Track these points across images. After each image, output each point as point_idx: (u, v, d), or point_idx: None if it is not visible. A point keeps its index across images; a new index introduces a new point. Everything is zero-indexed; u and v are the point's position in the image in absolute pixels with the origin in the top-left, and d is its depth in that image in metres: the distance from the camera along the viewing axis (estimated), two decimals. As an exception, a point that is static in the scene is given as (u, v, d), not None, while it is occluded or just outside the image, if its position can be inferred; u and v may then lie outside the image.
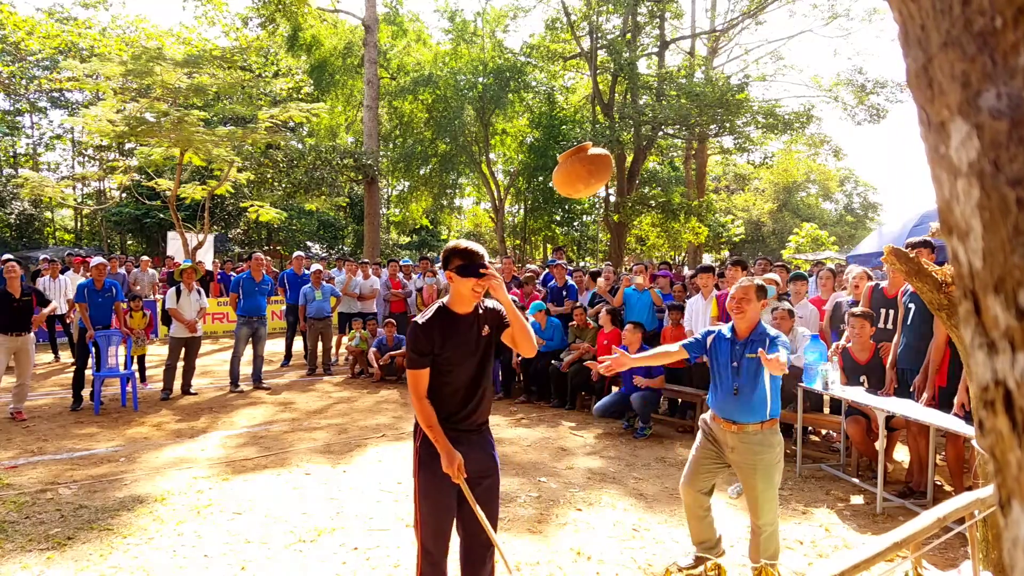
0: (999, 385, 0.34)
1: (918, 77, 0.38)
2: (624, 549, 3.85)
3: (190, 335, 7.95)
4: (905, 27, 0.39)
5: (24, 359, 6.79)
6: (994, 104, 0.32)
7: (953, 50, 0.35)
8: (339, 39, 21.35)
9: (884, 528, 3.76)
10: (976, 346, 0.35)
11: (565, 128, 20.80)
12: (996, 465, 0.34)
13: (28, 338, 6.80)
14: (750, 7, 22.64)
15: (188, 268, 8.22)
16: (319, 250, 31.23)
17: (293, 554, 3.72)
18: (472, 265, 2.62)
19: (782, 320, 5.92)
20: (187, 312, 7.95)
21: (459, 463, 2.60)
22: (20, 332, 6.72)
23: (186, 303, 7.98)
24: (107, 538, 3.87)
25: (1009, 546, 0.33)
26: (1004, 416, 0.33)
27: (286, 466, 5.33)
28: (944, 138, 0.36)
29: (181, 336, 7.91)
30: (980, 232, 0.34)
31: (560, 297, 8.68)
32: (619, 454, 5.83)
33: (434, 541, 2.72)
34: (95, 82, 14.14)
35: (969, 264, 0.35)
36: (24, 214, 25.36)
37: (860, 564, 2.44)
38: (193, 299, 8.07)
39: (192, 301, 8.05)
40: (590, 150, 2.81)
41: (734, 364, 3.37)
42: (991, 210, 0.33)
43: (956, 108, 0.35)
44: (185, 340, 7.93)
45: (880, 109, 22.48)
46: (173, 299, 7.95)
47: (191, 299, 8.04)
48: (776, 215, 40.23)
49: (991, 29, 0.32)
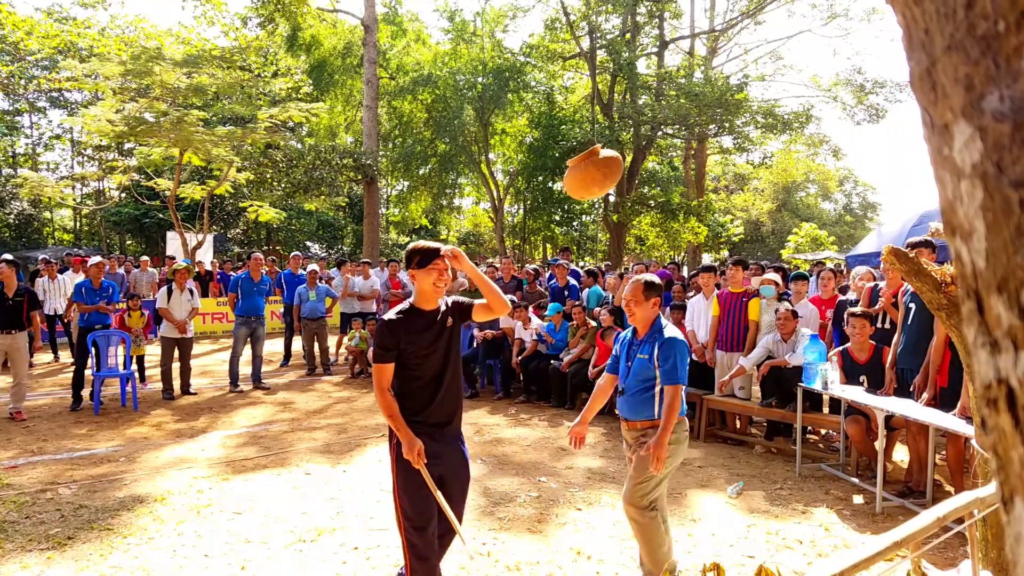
0: (1002, 383, 0.34)
1: (922, 80, 0.39)
2: (624, 549, 3.86)
3: (180, 336, 7.89)
4: (909, 30, 0.39)
5: (18, 358, 6.81)
6: (997, 107, 0.33)
7: (956, 53, 0.35)
8: (338, 39, 21.34)
9: (884, 528, 3.76)
10: (979, 345, 0.36)
11: (564, 128, 20.80)
12: (999, 463, 0.35)
13: (21, 336, 6.82)
14: (749, 7, 22.66)
15: (182, 268, 8.16)
16: (318, 250, 31.22)
17: (293, 554, 3.73)
18: (430, 253, 2.79)
19: (785, 321, 5.93)
20: (177, 312, 7.87)
21: (419, 449, 2.70)
22: (12, 330, 6.76)
23: (177, 303, 7.90)
24: (107, 538, 3.87)
25: (1012, 543, 0.33)
26: (1007, 414, 0.34)
27: (286, 466, 5.33)
28: (948, 140, 0.37)
29: (172, 336, 7.85)
30: (983, 233, 0.34)
31: (562, 297, 8.69)
32: (619, 454, 5.83)
33: (418, 535, 2.79)
34: (94, 82, 14.15)
35: (972, 264, 0.36)
36: (23, 214, 25.34)
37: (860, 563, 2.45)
38: (184, 299, 7.99)
39: (183, 301, 7.97)
40: (601, 153, 2.83)
41: (628, 363, 3.35)
42: (994, 211, 0.33)
43: (960, 111, 0.36)
44: (176, 340, 7.88)
45: (879, 109, 22.52)
46: (164, 299, 7.87)
47: (182, 299, 7.97)
48: (775, 215, 40.27)
49: (994, 33, 0.33)
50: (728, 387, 6.26)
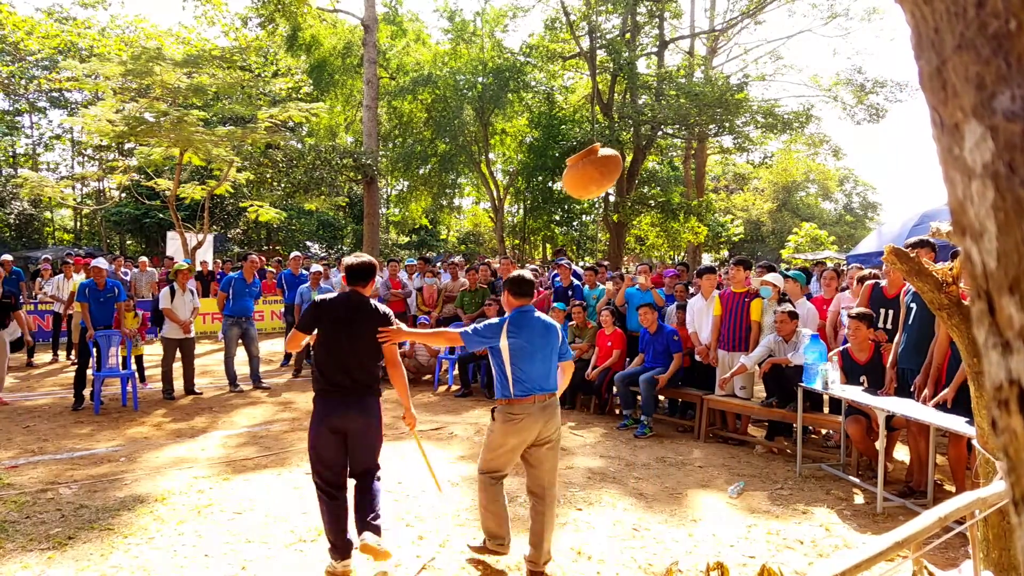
0: (1013, 384, 0.34)
1: (931, 79, 0.38)
2: (624, 548, 3.86)
3: (184, 336, 7.90)
4: (918, 30, 0.39)
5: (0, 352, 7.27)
6: (1009, 106, 0.33)
7: (967, 52, 0.35)
8: (338, 39, 21.33)
9: (884, 528, 3.76)
10: (990, 346, 0.35)
11: (564, 128, 20.80)
12: (1010, 464, 0.34)
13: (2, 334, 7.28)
14: (749, 7, 22.65)
15: (184, 268, 8.17)
16: (318, 250, 31.21)
17: (293, 554, 3.73)
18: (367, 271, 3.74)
19: (783, 323, 5.93)
20: (181, 313, 7.89)
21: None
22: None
23: (180, 303, 7.91)
24: (108, 538, 3.87)
25: (1022, 544, 0.33)
26: (1018, 415, 0.33)
27: (286, 466, 5.33)
28: (958, 140, 0.37)
29: (175, 337, 7.85)
30: (994, 233, 0.34)
31: (566, 297, 8.68)
32: (619, 454, 5.83)
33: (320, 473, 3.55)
34: (94, 82, 14.12)
35: (983, 264, 0.36)
36: (23, 214, 25.33)
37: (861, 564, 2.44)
38: (187, 299, 8.01)
39: (186, 301, 7.99)
40: (600, 152, 2.83)
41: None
42: (1006, 211, 0.33)
43: (970, 110, 0.35)
44: (179, 341, 7.88)
45: (879, 108, 22.52)
46: (167, 299, 7.87)
47: (184, 299, 7.99)
48: (775, 215, 40.28)
49: (1006, 32, 0.32)
50: (729, 386, 6.26)
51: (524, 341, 3.53)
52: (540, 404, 3.54)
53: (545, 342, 3.62)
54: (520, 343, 3.53)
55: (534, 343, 3.56)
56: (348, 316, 3.54)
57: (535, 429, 3.54)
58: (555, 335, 3.70)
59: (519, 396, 3.51)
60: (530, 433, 3.54)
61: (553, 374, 3.70)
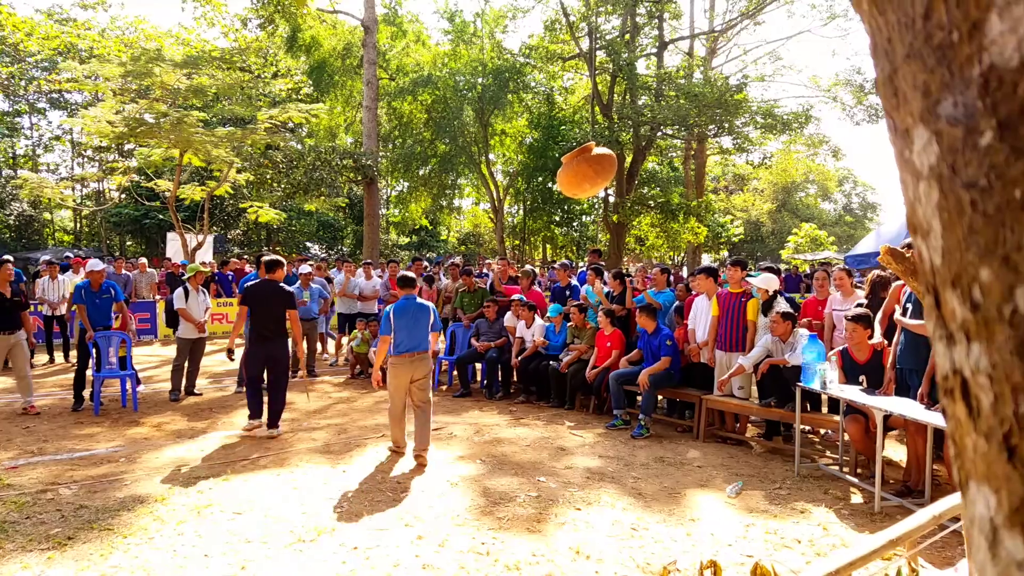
0: (957, 374, 0.36)
1: (885, 86, 0.41)
2: (623, 548, 3.87)
3: (199, 335, 7.99)
4: (874, 39, 0.41)
5: (18, 353, 7.09)
6: (952, 112, 0.35)
7: (915, 61, 0.37)
8: (338, 40, 21.37)
9: (882, 527, 3.78)
10: (937, 338, 0.37)
11: (564, 129, 20.83)
12: (955, 449, 0.36)
13: (20, 334, 7.14)
14: (748, 7, 22.68)
15: (201, 270, 8.28)
16: (318, 251, 31.23)
17: (293, 554, 3.74)
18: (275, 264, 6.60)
19: (776, 325, 5.94)
20: (196, 313, 7.97)
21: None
22: (11, 331, 7.06)
23: (194, 303, 8.00)
24: (108, 538, 3.89)
25: (967, 524, 0.35)
26: (961, 403, 0.35)
27: (286, 466, 5.35)
28: (908, 143, 0.39)
29: (190, 337, 7.92)
30: (939, 231, 0.36)
31: (563, 298, 8.71)
32: (618, 454, 5.85)
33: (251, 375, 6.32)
34: (94, 83, 14.15)
35: (931, 261, 0.38)
36: (23, 215, 25.36)
37: (855, 561, 2.46)
38: (200, 299, 8.10)
39: (199, 302, 8.08)
40: (594, 150, 2.84)
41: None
42: (949, 211, 0.35)
43: (918, 116, 0.37)
44: (193, 341, 7.96)
45: (879, 109, 22.52)
46: (182, 299, 7.94)
47: (198, 299, 8.07)
48: (775, 215, 40.31)
49: (949, 42, 0.34)
50: (727, 387, 6.28)
51: (404, 319, 5.42)
52: (409, 359, 5.41)
53: (416, 320, 5.47)
54: (401, 322, 5.41)
55: (408, 320, 5.43)
56: (266, 295, 6.29)
57: (408, 374, 5.43)
58: (426, 315, 5.53)
59: (398, 354, 5.41)
60: (405, 377, 5.43)
61: (425, 340, 5.49)
